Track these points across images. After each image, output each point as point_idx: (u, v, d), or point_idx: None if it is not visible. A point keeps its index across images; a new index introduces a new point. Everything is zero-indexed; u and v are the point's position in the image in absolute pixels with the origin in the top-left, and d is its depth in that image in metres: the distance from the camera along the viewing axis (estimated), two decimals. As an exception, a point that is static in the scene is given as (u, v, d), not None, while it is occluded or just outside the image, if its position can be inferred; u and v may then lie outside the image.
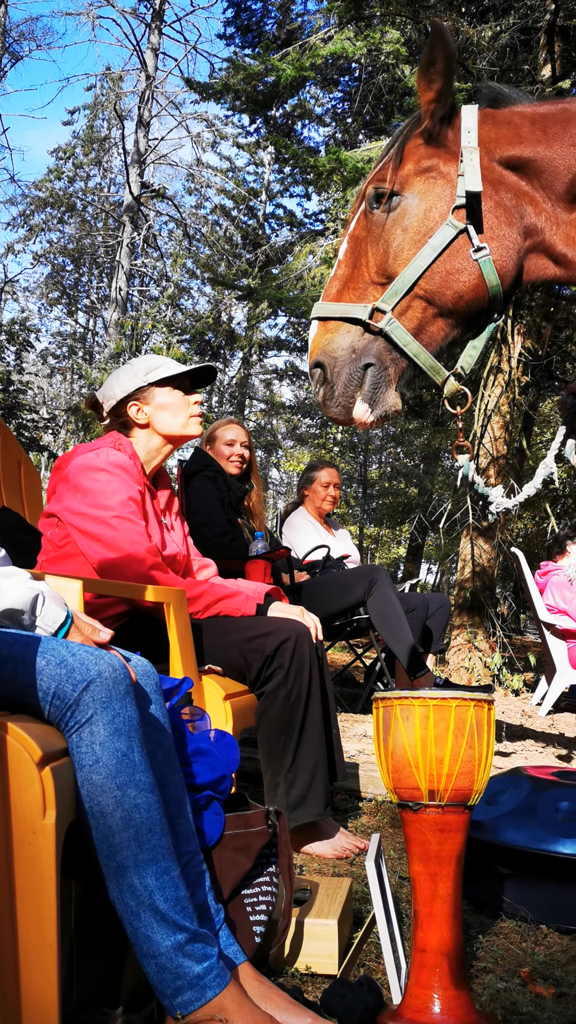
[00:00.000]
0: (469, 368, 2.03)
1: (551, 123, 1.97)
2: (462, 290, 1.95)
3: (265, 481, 22.88)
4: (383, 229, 1.98)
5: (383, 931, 1.79)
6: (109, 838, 1.46)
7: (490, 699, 1.83)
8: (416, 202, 1.96)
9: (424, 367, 1.98)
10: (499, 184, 1.96)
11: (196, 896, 1.62)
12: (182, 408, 2.90)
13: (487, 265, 1.93)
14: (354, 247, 2.04)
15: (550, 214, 1.98)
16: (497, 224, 1.95)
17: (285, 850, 1.90)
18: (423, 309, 1.97)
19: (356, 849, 2.77)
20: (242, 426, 4.43)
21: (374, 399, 1.98)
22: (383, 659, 5.11)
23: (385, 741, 1.81)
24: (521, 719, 5.92)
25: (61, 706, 1.46)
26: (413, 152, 1.99)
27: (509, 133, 1.98)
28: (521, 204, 1.98)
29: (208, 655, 2.78)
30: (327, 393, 2.01)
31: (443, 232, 1.93)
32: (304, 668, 2.72)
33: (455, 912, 1.75)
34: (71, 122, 19.46)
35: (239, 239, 19.25)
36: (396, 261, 1.96)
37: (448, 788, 1.75)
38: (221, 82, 9.15)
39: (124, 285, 17.56)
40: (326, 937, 1.94)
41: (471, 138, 1.95)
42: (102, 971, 1.61)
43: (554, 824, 2.30)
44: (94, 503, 2.65)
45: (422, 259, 1.93)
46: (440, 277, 1.94)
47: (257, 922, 1.79)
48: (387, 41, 7.62)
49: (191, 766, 1.80)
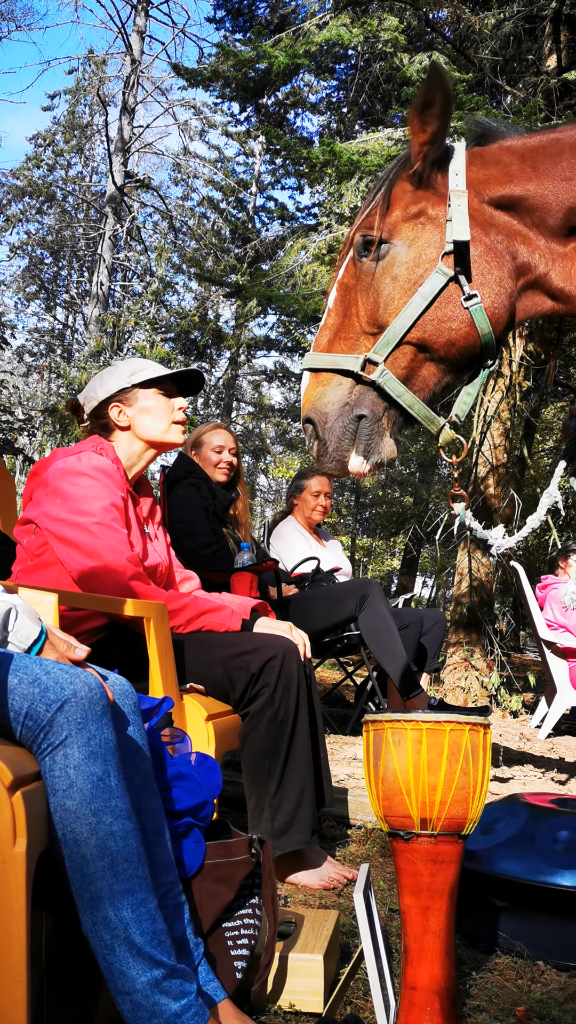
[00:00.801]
0: (464, 415, 2.09)
1: (541, 157, 2.02)
2: (454, 338, 2.00)
3: (252, 489, 22.89)
4: (373, 278, 2.04)
5: (371, 967, 1.79)
6: (83, 867, 1.45)
7: (486, 723, 1.83)
8: (405, 249, 2.02)
9: (419, 417, 2.04)
10: (489, 227, 2.01)
11: (174, 929, 1.62)
12: (165, 413, 2.91)
13: (478, 313, 1.98)
14: (343, 295, 2.09)
15: (544, 250, 2.02)
16: (488, 269, 2.00)
17: (269, 880, 1.90)
18: (415, 357, 2.02)
19: (344, 879, 2.76)
20: (230, 431, 4.43)
21: (369, 449, 2.04)
22: (375, 678, 5.11)
23: (375, 766, 1.81)
24: (519, 742, 5.93)
25: (34, 727, 1.46)
26: (401, 196, 2.04)
27: (498, 172, 2.02)
28: (513, 244, 2.03)
29: (190, 673, 2.78)
30: (320, 449, 2.08)
31: (433, 280, 1.98)
32: (291, 687, 2.72)
33: (447, 947, 1.76)
34: (52, 107, 19.52)
35: (227, 233, 19.27)
36: (387, 311, 2.01)
37: (441, 816, 1.75)
38: (210, 68, 9.19)
39: (106, 280, 17.56)
40: (311, 973, 1.94)
41: (459, 181, 2.00)
42: (74, 1009, 1.61)
43: (553, 855, 2.30)
44: (74, 509, 2.65)
45: (413, 308, 1.99)
46: (432, 326, 2.00)
47: (238, 957, 1.79)
48: (385, 28, 7.66)
49: (170, 791, 1.80)
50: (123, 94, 17.83)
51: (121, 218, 18.31)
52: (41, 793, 1.46)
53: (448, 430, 2.07)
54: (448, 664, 7.81)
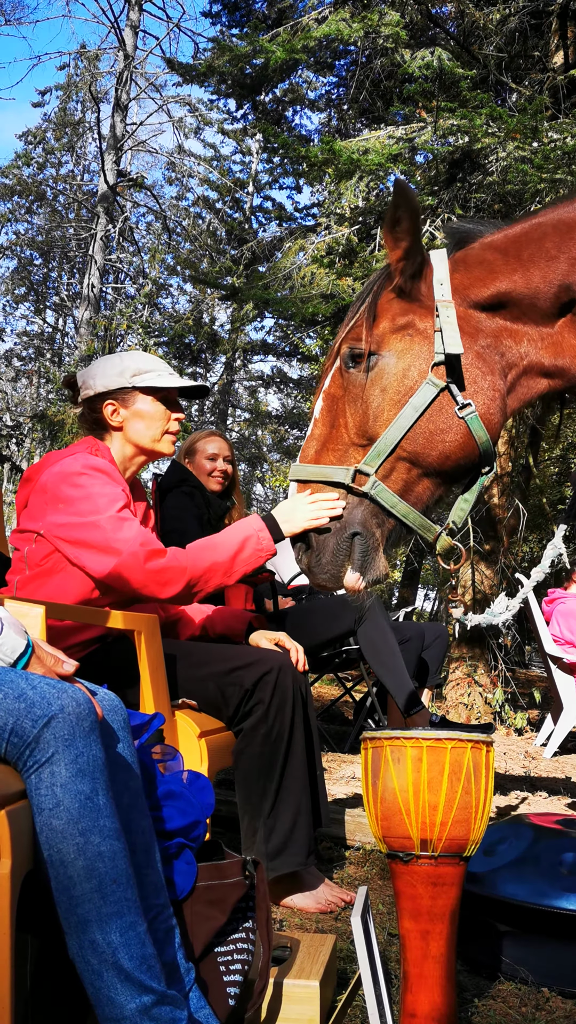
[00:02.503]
0: (461, 523, 2.16)
1: (524, 245, 2.08)
2: (448, 450, 2.06)
3: (248, 498, 22.92)
4: (361, 389, 2.09)
5: (369, 994, 1.78)
6: (70, 889, 1.45)
7: (489, 740, 1.83)
8: (394, 361, 2.07)
9: (414, 527, 2.10)
10: (477, 332, 2.07)
11: (164, 954, 1.62)
12: (159, 421, 2.90)
13: (475, 422, 2.04)
14: (331, 406, 2.14)
15: (532, 336, 2.09)
16: (480, 376, 2.06)
17: (263, 903, 1.89)
18: (408, 470, 2.08)
19: (341, 903, 2.76)
20: (224, 439, 4.43)
21: (364, 567, 2.11)
22: (374, 694, 5.11)
23: (374, 785, 1.81)
24: (524, 761, 5.93)
25: (19, 744, 1.46)
26: (387, 308, 2.10)
27: (482, 273, 2.09)
28: (501, 343, 2.09)
29: (182, 688, 2.78)
30: (312, 561, 2.16)
31: (424, 391, 2.04)
32: (286, 704, 2.72)
33: (448, 973, 1.75)
34: (42, 104, 19.60)
35: (223, 234, 19.35)
36: (377, 422, 2.06)
37: (442, 837, 1.75)
38: (206, 63, 9.20)
39: (97, 281, 17.61)
40: (307, 1000, 1.93)
41: (444, 290, 2.06)
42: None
43: (558, 877, 2.29)
44: (79, 510, 2.65)
45: (404, 419, 2.04)
46: (424, 437, 2.05)
47: (231, 983, 1.78)
48: (386, 23, 7.69)
49: (161, 810, 1.79)
50: (116, 90, 17.92)
51: (113, 218, 18.37)
52: (26, 812, 1.46)
53: (445, 537, 2.13)
54: (451, 680, 7.81)
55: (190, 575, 2.61)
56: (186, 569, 2.61)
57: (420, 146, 7.21)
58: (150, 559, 2.60)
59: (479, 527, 7.69)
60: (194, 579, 2.62)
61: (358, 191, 7.55)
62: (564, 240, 2.04)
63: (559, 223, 2.07)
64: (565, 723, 6.29)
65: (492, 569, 7.89)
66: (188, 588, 2.62)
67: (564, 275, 2.03)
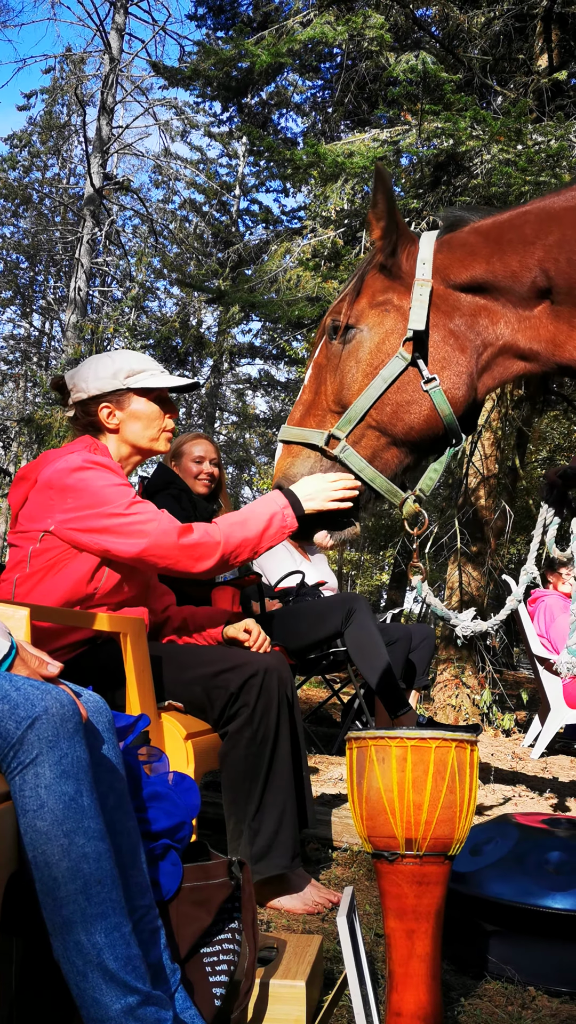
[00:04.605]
0: (429, 490, 2.26)
1: (506, 230, 2.15)
2: (413, 421, 2.17)
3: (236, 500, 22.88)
4: (340, 360, 2.23)
5: (355, 993, 1.79)
6: (54, 890, 1.45)
7: (473, 739, 1.84)
8: (369, 335, 2.20)
9: (380, 491, 2.23)
10: (453, 311, 2.16)
11: (150, 955, 1.62)
12: (155, 421, 2.92)
13: (438, 395, 2.14)
14: (317, 374, 2.30)
15: (510, 319, 2.16)
16: (450, 352, 2.16)
17: (249, 904, 1.90)
18: (377, 438, 2.21)
19: (328, 903, 2.76)
20: (211, 441, 4.44)
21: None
22: (362, 696, 5.11)
23: (359, 785, 1.82)
24: (512, 761, 5.94)
25: (3, 745, 1.46)
26: (371, 285, 2.24)
27: (464, 254, 2.17)
28: (477, 322, 2.17)
29: (168, 690, 2.78)
30: None
31: (393, 364, 2.16)
32: (272, 706, 2.72)
33: (434, 972, 1.76)
34: (28, 107, 19.57)
35: (209, 236, 19.35)
36: (350, 391, 2.20)
37: (427, 836, 1.75)
38: (191, 66, 9.21)
39: (84, 285, 17.57)
40: (293, 1000, 1.93)
41: (426, 270, 2.16)
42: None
43: (544, 876, 2.30)
44: (91, 501, 2.65)
45: (373, 389, 2.17)
46: (391, 408, 2.18)
47: (217, 983, 1.79)
48: (370, 26, 7.70)
49: (147, 812, 1.80)
50: (102, 93, 17.89)
51: (100, 221, 18.34)
52: (10, 814, 1.46)
53: (411, 503, 2.23)
54: (438, 681, 7.82)
55: (224, 550, 2.69)
56: (219, 544, 2.68)
57: (405, 149, 7.22)
58: (183, 535, 2.66)
59: (466, 529, 7.71)
60: (227, 553, 2.70)
61: (343, 194, 7.55)
62: (543, 226, 2.09)
63: (542, 211, 2.12)
64: (552, 724, 6.30)
65: (479, 571, 7.90)
66: (223, 561, 2.70)
67: (540, 260, 2.07)
